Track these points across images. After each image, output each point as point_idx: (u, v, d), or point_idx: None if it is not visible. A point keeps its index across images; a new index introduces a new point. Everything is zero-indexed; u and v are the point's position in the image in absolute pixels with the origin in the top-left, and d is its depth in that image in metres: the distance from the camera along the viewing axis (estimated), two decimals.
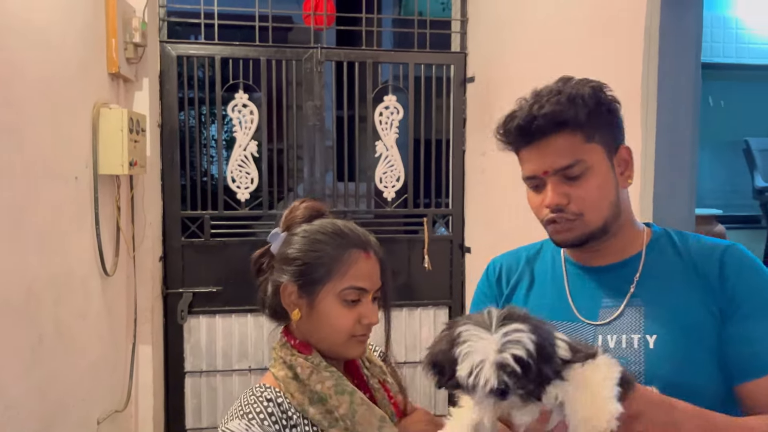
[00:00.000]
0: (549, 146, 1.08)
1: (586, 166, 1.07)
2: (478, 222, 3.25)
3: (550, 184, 1.09)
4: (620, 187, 1.12)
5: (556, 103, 1.07)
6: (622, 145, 1.13)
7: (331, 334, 1.09)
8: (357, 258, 1.09)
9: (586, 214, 1.08)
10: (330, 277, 1.08)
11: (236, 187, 3.06)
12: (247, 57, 3.05)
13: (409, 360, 3.30)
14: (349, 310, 1.08)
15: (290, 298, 1.10)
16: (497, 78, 2.96)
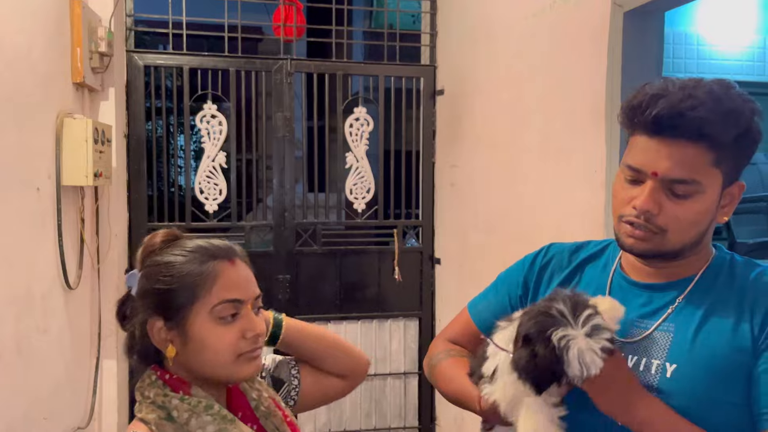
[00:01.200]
0: (675, 150, 0.95)
1: (698, 189, 0.95)
2: (448, 233, 3.27)
3: (650, 185, 0.97)
4: (716, 220, 1.02)
5: (711, 110, 0.92)
6: (739, 182, 1.01)
7: (215, 359, 0.97)
8: (221, 269, 0.98)
9: (671, 233, 0.98)
10: (195, 298, 0.96)
11: (204, 199, 3.02)
12: (216, 67, 3.03)
13: (379, 372, 3.29)
14: (228, 327, 0.97)
15: (160, 335, 0.97)
16: (466, 91, 2.99)
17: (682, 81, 0.99)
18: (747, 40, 3.60)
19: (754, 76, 3.59)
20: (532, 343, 0.93)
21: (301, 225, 3.20)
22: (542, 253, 1.21)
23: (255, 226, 3.18)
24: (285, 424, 1.06)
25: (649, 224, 0.97)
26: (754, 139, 0.97)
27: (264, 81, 3.11)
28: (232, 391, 1.04)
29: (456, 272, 3.17)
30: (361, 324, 3.28)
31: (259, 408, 1.05)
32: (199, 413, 0.94)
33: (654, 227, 0.98)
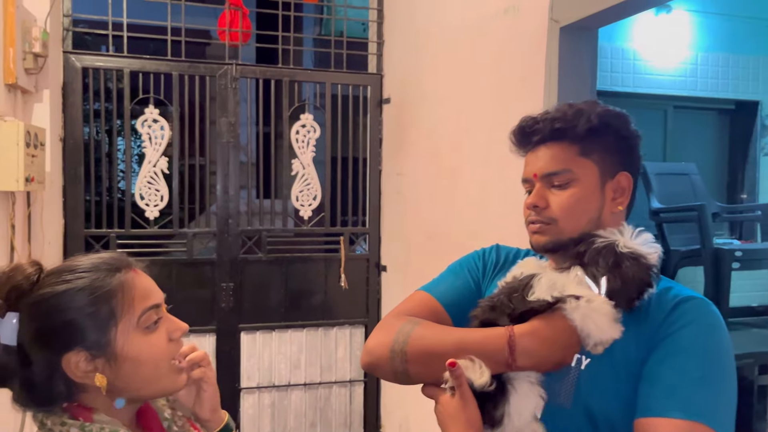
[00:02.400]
0: (544, 151, 1.11)
1: (572, 177, 1.09)
2: (394, 241, 3.28)
3: (536, 186, 1.12)
4: (608, 210, 1.10)
5: (562, 113, 1.10)
6: (624, 173, 1.11)
7: (155, 371, 0.94)
8: (131, 279, 0.94)
9: (560, 221, 1.08)
10: (117, 316, 0.91)
11: (145, 205, 2.95)
12: (159, 71, 2.97)
13: (324, 380, 3.28)
14: (155, 334, 0.94)
15: (81, 368, 0.90)
16: (412, 100, 3.02)
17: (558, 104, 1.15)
18: (680, 56, 3.76)
19: (686, 90, 3.75)
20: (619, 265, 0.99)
21: (246, 232, 3.16)
22: (492, 250, 1.29)
23: (198, 234, 3.12)
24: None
25: (541, 217, 1.10)
26: (619, 134, 1.11)
27: (208, 85, 3.07)
28: (143, 411, 1.00)
29: (401, 279, 3.19)
30: (307, 332, 3.25)
31: (171, 428, 1.02)
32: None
33: (546, 219, 1.10)
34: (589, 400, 1.02)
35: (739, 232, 3.84)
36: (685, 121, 3.96)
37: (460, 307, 1.16)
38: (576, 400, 1.04)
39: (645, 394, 0.97)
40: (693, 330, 0.99)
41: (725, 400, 0.96)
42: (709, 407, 0.94)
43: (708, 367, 0.97)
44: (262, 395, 3.20)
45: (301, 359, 3.25)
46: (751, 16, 3.73)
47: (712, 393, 0.95)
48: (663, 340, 1.00)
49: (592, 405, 1.02)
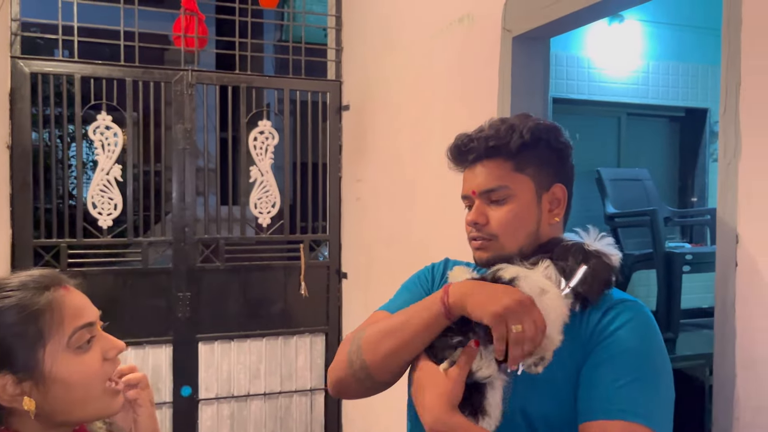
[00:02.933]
0: (481, 169, 1.14)
1: (509, 193, 1.12)
2: (354, 248, 3.28)
3: (476, 203, 1.15)
4: (545, 222, 1.13)
5: (495, 129, 1.13)
6: (558, 185, 1.15)
7: (86, 394, 0.90)
8: (61, 297, 0.90)
9: (501, 237, 1.12)
10: (45, 337, 0.87)
11: (98, 214, 2.88)
12: (111, 77, 2.91)
13: (284, 389, 3.24)
14: (87, 354, 0.90)
15: (8, 392, 0.86)
16: (371, 107, 3.03)
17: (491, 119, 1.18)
18: (633, 65, 3.86)
19: (638, 98, 3.85)
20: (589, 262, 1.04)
21: (203, 240, 3.11)
22: (441, 263, 1.32)
23: (153, 242, 3.06)
24: None
25: (482, 233, 1.13)
26: (550, 147, 1.14)
27: (164, 91, 3.01)
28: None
29: (362, 286, 3.18)
30: (266, 341, 3.22)
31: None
32: None
33: (487, 235, 1.13)
34: (526, 404, 1.04)
35: (690, 236, 3.95)
36: (637, 128, 4.06)
37: None
38: (512, 403, 1.05)
39: (585, 399, 1.00)
40: (626, 333, 1.02)
41: (662, 400, 1.00)
42: (647, 407, 0.97)
43: (643, 369, 1.00)
44: (221, 406, 3.14)
45: (261, 369, 3.21)
46: (698, 26, 3.86)
47: (649, 393, 0.98)
48: (598, 344, 1.02)
49: (528, 408, 1.04)
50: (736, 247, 1.20)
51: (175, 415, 3.03)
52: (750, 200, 1.18)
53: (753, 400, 1.18)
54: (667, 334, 3.13)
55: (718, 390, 1.25)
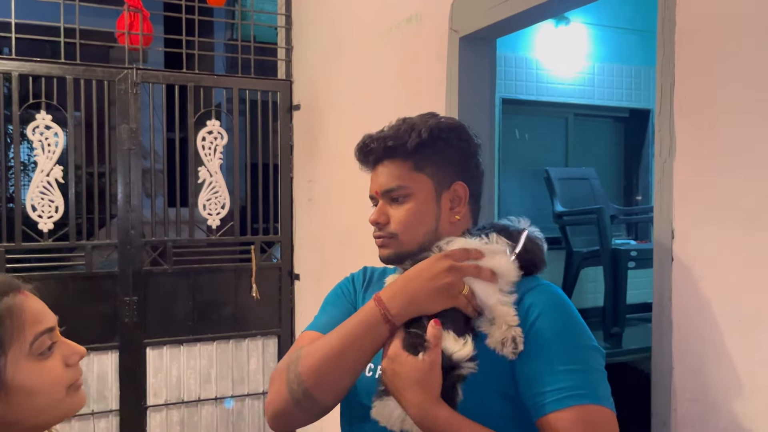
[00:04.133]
0: (382, 169, 1.16)
1: (408, 192, 1.14)
2: (306, 249, 3.25)
3: (379, 203, 1.17)
4: (445, 220, 1.15)
5: (395, 130, 1.14)
6: (459, 182, 1.16)
7: (48, 400, 0.89)
8: (20, 303, 0.89)
9: (400, 235, 1.14)
10: (6, 343, 0.86)
11: (38, 217, 2.77)
12: (51, 75, 2.80)
13: (236, 393, 3.19)
14: (49, 360, 0.89)
15: None
16: (321, 107, 3.01)
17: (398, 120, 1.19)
18: (579, 66, 3.94)
19: (584, 99, 3.95)
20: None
21: (150, 243, 3.04)
22: (360, 272, 1.33)
23: (97, 246, 2.96)
24: None
25: (383, 232, 1.16)
26: (449, 145, 1.15)
27: (107, 90, 2.92)
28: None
29: (315, 287, 3.16)
30: (217, 344, 3.16)
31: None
32: None
33: (387, 234, 1.16)
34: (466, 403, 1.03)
35: (635, 233, 4.07)
36: (584, 128, 4.16)
37: None
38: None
39: (531, 395, 1.01)
40: (547, 321, 1.04)
41: (599, 374, 1.03)
42: (592, 386, 1.00)
43: (574, 351, 1.03)
44: (171, 412, 3.07)
45: (212, 373, 3.15)
46: (641, 29, 3.98)
47: (587, 373, 1.02)
48: (525, 339, 1.03)
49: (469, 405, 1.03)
50: (672, 242, 1.23)
51: (122, 423, 2.94)
52: (685, 197, 1.22)
53: (689, 392, 1.22)
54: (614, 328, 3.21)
55: (656, 382, 1.29)
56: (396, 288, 1.04)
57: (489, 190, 1.93)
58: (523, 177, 3.92)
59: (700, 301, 1.20)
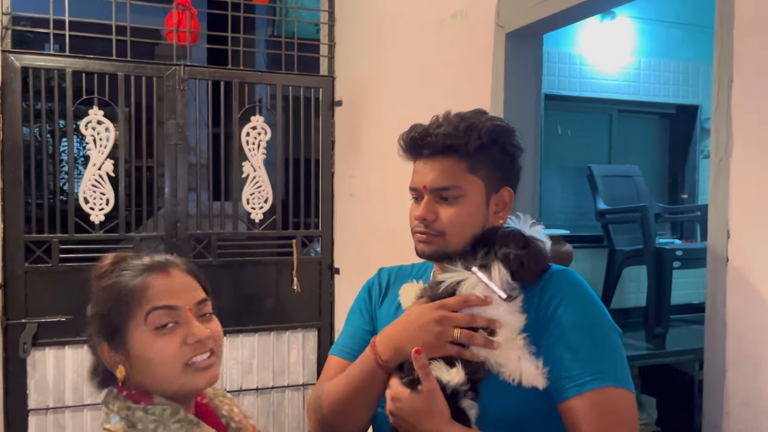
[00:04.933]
0: (436, 165, 1.14)
1: (461, 193, 1.13)
2: (346, 243, 3.28)
3: (425, 198, 1.15)
4: (490, 223, 1.16)
5: (454, 127, 1.12)
6: (506, 188, 1.17)
7: (163, 373, 0.97)
8: (152, 281, 0.99)
9: (448, 235, 1.13)
10: (129, 314, 0.97)
11: (90, 209, 2.86)
12: (103, 71, 2.89)
13: (277, 385, 3.25)
14: (169, 337, 0.97)
15: (108, 358, 0.99)
16: (364, 103, 3.02)
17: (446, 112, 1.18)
18: (624, 61, 3.87)
19: (630, 95, 3.87)
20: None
21: (195, 236, 3.10)
22: (374, 279, 1.36)
23: (145, 238, 3.05)
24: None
25: (430, 229, 1.14)
26: (504, 150, 1.15)
27: (156, 86, 3.00)
28: (200, 407, 1.05)
29: (355, 282, 3.18)
30: (259, 336, 3.22)
31: (230, 425, 1.07)
32: (165, 422, 0.94)
33: (434, 231, 1.14)
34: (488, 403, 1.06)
35: (680, 232, 3.98)
36: (629, 125, 4.08)
37: (361, 349, 1.21)
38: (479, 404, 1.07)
39: (552, 381, 1.04)
40: (567, 308, 1.07)
41: (619, 357, 1.06)
42: (612, 369, 1.03)
43: (594, 336, 1.06)
44: None
45: (253, 364, 3.21)
46: (688, 23, 3.88)
47: (607, 356, 1.05)
48: (546, 328, 1.07)
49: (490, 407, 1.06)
50: (728, 242, 1.21)
51: None
52: (741, 196, 1.19)
53: (741, 395, 1.20)
54: (657, 329, 3.15)
55: (709, 385, 1.27)
56: (387, 336, 1.09)
57: (533, 187, 1.92)
58: (565, 174, 3.87)
59: (754, 304, 1.18)
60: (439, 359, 1.04)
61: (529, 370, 1.02)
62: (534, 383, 1.02)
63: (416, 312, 1.07)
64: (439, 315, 1.04)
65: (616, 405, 1.01)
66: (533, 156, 1.89)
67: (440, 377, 1.03)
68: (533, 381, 1.02)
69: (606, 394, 1.01)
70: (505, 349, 1.02)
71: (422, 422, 1.02)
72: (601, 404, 1.00)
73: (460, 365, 1.03)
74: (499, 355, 1.02)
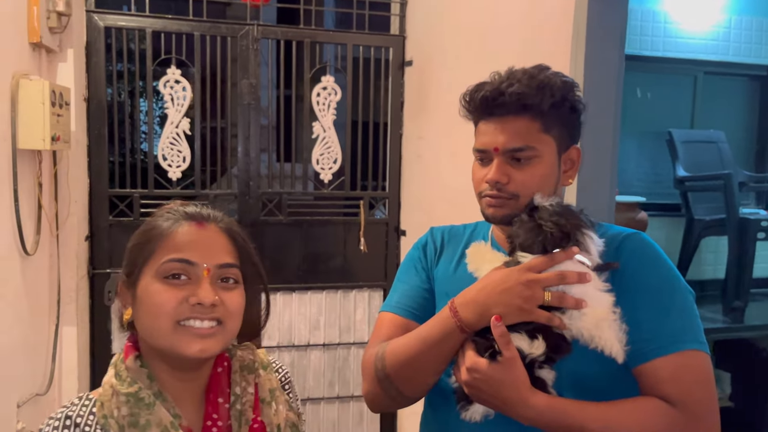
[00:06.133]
0: (507, 125, 1.10)
1: (535, 154, 1.10)
2: (413, 205, 3.28)
3: (496, 160, 1.11)
4: (560, 183, 1.15)
5: (526, 86, 1.09)
6: (575, 146, 1.15)
7: (154, 322, 0.90)
8: (182, 229, 0.93)
9: (522, 198, 1.10)
10: (149, 255, 0.93)
11: (167, 166, 2.98)
12: (180, 31, 2.96)
13: (343, 341, 3.33)
14: (174, 289, 0.90)
15: (122, 295, 0.96)
16: (435, 63, 2.98)
17: (507, 70, 1.15)
18: (713, 19, 3.63)
19: (718, 55, 3.64)
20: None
21: (266, 194, 3.18)
22: (426, 238, 1.33)
23: (219, 195, 3.14)
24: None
25: (503, 193, 1.11)
26: (573, 107, 1.12)
27: (230, 46, 3.05)
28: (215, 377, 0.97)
29: None
30: (326, 294, 3.29)
31: (235, 405, 0.96)
32: (119, 390, 0.89)
33: (507, 194, 1.11)
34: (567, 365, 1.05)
35: (766, 202, 3.77)
36: (715, 87, 3.85)
37: (419, 307, 1.21)
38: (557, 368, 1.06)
39: (632, 343, 1.02)
40: (644, 269, 1.06)
41: (695, 318, 1.05)
42: (691, 331, 1.03)
43: (671, 297, 1.05)
44: (282, 354, 3.26)
45: (321, 320, 3.30)
46: None
47: (685, 318, 1.04)
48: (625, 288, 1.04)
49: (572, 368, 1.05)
50: None
51: None
52: None
53: None
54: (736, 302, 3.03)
55: None
56: (469, 297, 1.05)
57: (612, 153, 1.86)
58: (643, 139, 3.72)
59: None
60: (521, 331, 1.02)
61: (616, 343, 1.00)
62: (616, 356, 1.00)
63: (501, 275, 1.04)
64: (528, 278, 1.01)
65: (697, 367, 1.00)
66: (614, 120, 1.82)
67: (521, 348, 1.02)
68: (617, 355, 1.00)
69: (686, 356, 1.00)
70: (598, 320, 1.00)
71: (503, 392, 1.01)
72: (682, 366, 0.99)
73: (541, 338, 1.02)
74: (594, 327, 1.00)
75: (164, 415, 0.88)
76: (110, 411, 0.88)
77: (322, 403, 3.33)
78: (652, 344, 1.01)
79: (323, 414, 3.34)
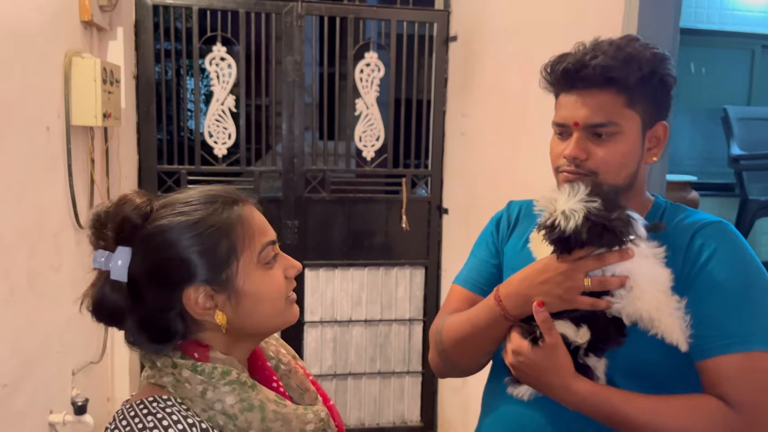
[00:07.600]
0: (589, 99, 1.05)
1: (618, 130, 1.04)
2: (456, 183, 3.26)
3: (576, 135, 1.07)
4: (643, 161, 1.09)
5: (612, 57, 1.03)
6: (661, 122, 1.09)
7: (271, 308, 0.91)
8: (250, 213, 0.91)
9: (602, 175, 1.05)
10: (238, 248, 0.87)
11: (213, 143, 3.03)
12: (226, 8, 2.98)
13: (384, 318, 3.35)
14: (272, 270, 0.91)
15: (201, 306, 0.86)
16: (480, 38, 2.93)
17: (592, 40, 1.09)
18: None
19: None
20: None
21: (310, 172, 3.21)
22: (503, 213, 1.32)
23: (264, 172, 3.18)
24: (307, 381, 1.01)
25: (581, 169, 1.06)
26: (663, 81, 1.06)
27: (274, 23, 3.06)
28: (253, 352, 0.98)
29: (463, 222, 3.18)
30: (368, 271, 3.32)
31: (279, 367, 1.00)
32: (216, 383, 0.84)
33: (585, 171, 1.06)
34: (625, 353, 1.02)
35: None
36: None
37: (486, 282, 1.22)
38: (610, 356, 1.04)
39: (697, 337, 0.98)
40: (720, 260, 1.00)
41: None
42: (762, 331, 0.97)
43: (747, 294, 0.99)
44: (324, 329, 3.31)
45: (362, 297, 3.33)
46: None
47: (757, 317, 0.98)
48: (695, 278, 1.00)
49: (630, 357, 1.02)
50: None
51: (282, 334, 3.22)
52: None
53: None
54: None
55: None
56: (512, 288, 1.06)
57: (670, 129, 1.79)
58: (696, 116, 3.60)
59: None
60: (566, 318, 1.01)
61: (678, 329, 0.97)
62: (678, 344, 0.97)
63: (541, 265, 1.03)
64: (566, 267, 0.99)
65: (762, 371, 0.95)
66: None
67: (566, 335, 1.01)
68: (679, 342, 0.97)
69: (753, 358, 0.95)
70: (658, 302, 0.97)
71: (545, 376, 1.01)
72: (747, 367, 0.95)
73: (586, 327, 1.00)
74: (654, 309, 0.97)
75: (267, 391, 0.89)
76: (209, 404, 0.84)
77: (363, 378, 3.37)
78: (718, 340, 0.97)
79: (365, 389, 3.38)
